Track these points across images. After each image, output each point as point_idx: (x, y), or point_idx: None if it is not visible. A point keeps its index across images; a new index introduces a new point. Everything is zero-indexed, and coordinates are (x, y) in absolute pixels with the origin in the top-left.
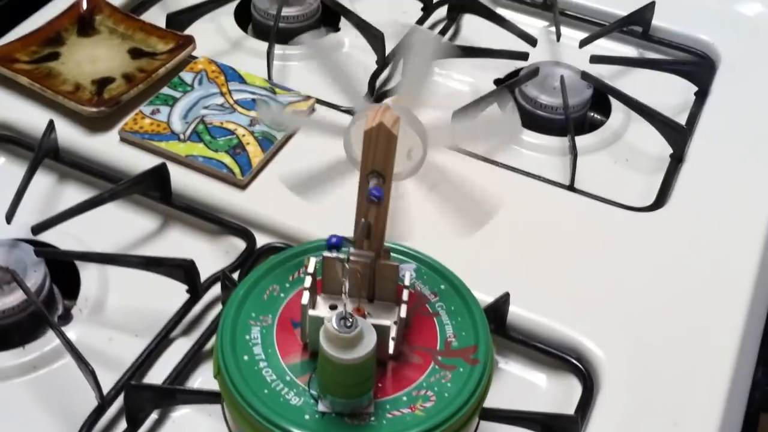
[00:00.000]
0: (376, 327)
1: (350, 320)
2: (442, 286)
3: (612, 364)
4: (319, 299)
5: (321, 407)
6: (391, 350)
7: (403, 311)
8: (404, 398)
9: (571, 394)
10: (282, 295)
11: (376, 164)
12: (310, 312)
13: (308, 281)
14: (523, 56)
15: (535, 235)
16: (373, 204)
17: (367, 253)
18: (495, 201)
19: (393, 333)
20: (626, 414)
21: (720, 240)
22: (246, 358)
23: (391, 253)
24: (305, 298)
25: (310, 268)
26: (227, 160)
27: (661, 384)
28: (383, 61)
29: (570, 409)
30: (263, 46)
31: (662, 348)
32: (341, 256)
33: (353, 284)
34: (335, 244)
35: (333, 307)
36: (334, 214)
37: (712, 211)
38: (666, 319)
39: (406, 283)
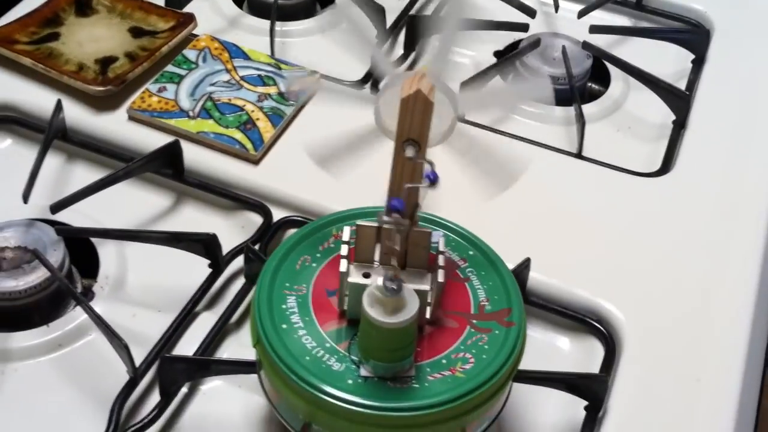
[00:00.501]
0: (416, 292)
1: (395, 284)
2: (471, 252)
3: (632, 325)
4: (352, 268)
5: (363, 372)
6: (428, 315)
7: (441, 276)
8: (444, 361)
9: (594, 355)
10: (314, 264)
11: (412, 132)
12: (350, 279)
13: (344, 249)
14: (524, 27)
15: (548, 203)
16: (429, 187)
17: (401, 220)
18: (523, 161)
19: (429, 298)
20: (649, 373)
21: (727, 200)
22: (284, 326)
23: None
24: (343, 265)
25: (345, 236)
26: (239, 135)
27: (681, 342)
28: (385, 35)
29: (593, 370)
30: (260, 23)
31: (679, 307)
32: (375, 224)
33: (387, 252)
34: (398, 207)
35: (366, 275)
36: (348, 185)
37: (717, 173)
38: (681, 278)
39: (441, 248)
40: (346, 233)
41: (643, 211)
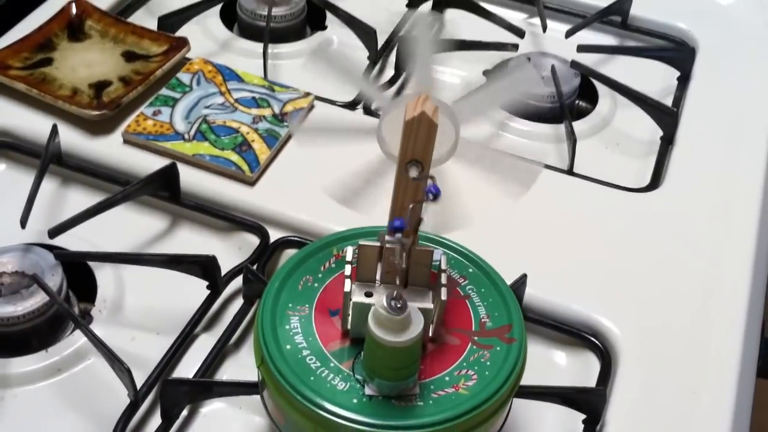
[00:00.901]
0: (420, 311)
1: (400, 302)
2: (470, 270)
3: (627, 339)
4: (354, 287)
5: (368, 391)
6: (430, 333)
7: (444, 294)
8: (447, 378)
9: (590, 369)
10: (316, 285)
11: (416, 153)
12: (355, 299)
13: (348, 269)
14: (513, 47)
15: (541, 219)
16: (430, 201)
17: (403, 239)
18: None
19: (431, 316)
20: (645, 386)
21: (717, 214)
22: (288, 347)
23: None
24: (347, 285)
25: (349, 257)
26: (234, 157)
27: (676, 355)
28: (375, 56)
29: (590, 384)
30: (251, 45)
31: (673, 320)
32: (378, 244)
33: (390, 271)
34: (400, 226)
35: (368, 295)
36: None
37: (706, 187)
38: (674, 292)
39: (443, 267)
40: (350, 253)
41: (634, 226)
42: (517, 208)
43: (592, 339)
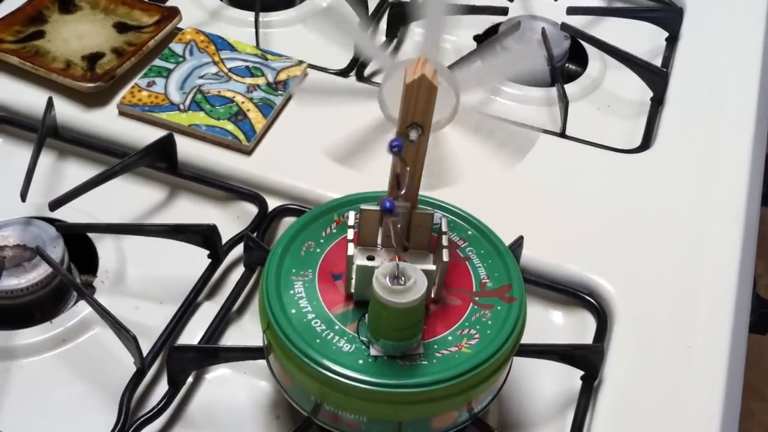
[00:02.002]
0: (423, 272)
1: (402, 279)
2: (470, 232)
3: (622, 297)
4: (357, 251)
5: (373, 351)
6: (432, 294)
7: (445, 255)
8: (450, 338)
9: (587, 327)
10: (318, 250)
11: (416, 116)
12: (357, 262)
13: (351, 233)
14: (503, 11)
15: (535, 182)
16: (395, 155)
17: (403, 203)
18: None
19: (433, 278)
20: (641, 342)
21: (708, 172)
22: (293, 311)
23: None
24: (351, 249)
25: (351, 221)
26: (230, 127)
27: (670, 311)
28: (367, 22)
29: (587, 341)
30: (242, 14)
31: (666, 277)
32: (378, 208)
33: (391, 234)
34: (390, 208)
35: (371, 258)
36: (341, 172)
37: (697, 146)
38: (667, 250)
39: (444, 229)
40: (351, 218)
41: (627, 187)
42: (513, 171)
43: (588, 298)
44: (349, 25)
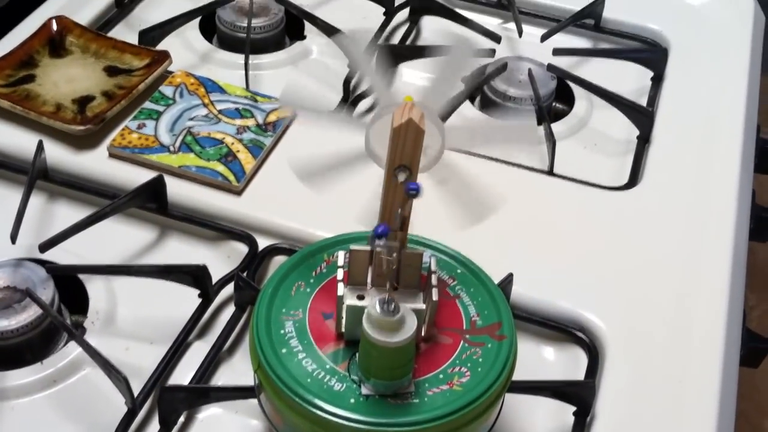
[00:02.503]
0: (413, 311)
1: (392, 305)
2: (459, 271)
3: (613, 332)
4: (347, 291)
5: (364, 390)
6: (422, 333)
7: (435, 294)
8: (441, 376)
9: (578, 363)
10: (308, 290)
11: (404, 158)
12: (348, 302)
13: (340, 273)
14: (490, 53)
15: (525, 220)
16: (411, 197)
17: (393, 243)
18: (498, 197)
19: (423, 316)
20: (633, 377)
21: (695, 208)
22: (284, 350)
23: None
24: (340, 289)
25: (340, 261)
26: (220, 168)
27: (661, 346)
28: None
29: (579, 377)
30: (231, 56)
31: (657, 312)
32: (368, 248)
33: (381, 274)
34: (383, 232)
35: (361, 297)
36: (330, 211)
37: (684, 184)
38: (657, 285)
39: (433, 268)
40: (341, 258)
41: (615, 223)
42: (503, 210)
43: (579, 334)
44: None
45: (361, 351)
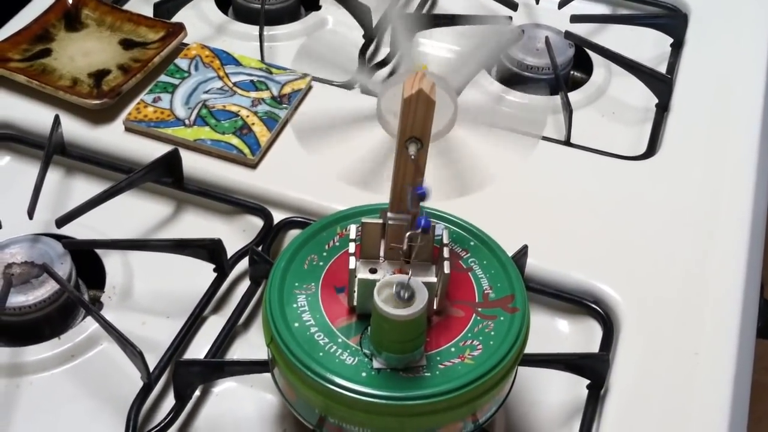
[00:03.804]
0: (424, 285)
1: (408, 291)
2: (472, 243)
3: (628, 304)
4: (359, 264)
5: (376, 364)
6: (434, 306)
7: (446, 267)
8: (452, 349)
9: (593, 336)
10: (321, 263)
11: (415, 130)
12: (360, 275)
13: (352, 247)
14: (507, 20)
15: (541, 191)
16: (420, 201)
17: (405, 216)
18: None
19: (435, 289)
20: (647, 349)
21: (713, 178)
22: (296, 324)
23: None
24: (352, 263)
25: (352, 234)
26: (235, 141)
27: (677, 318)
28: (371, 34)
29: (593, 350)
30: (247, 28)
31: (673, 284)
32: (380, 221)
33: (393, 247)
34: (426, 226)
35: (373, 271)
36: (345, 185)
37: (702, 152)
38: (673, 256)
39: (445, 241)
40: (353, 231)
41: (632, 194)
42: (517, 180)
43: (594, 306)
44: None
45: (372, 324)
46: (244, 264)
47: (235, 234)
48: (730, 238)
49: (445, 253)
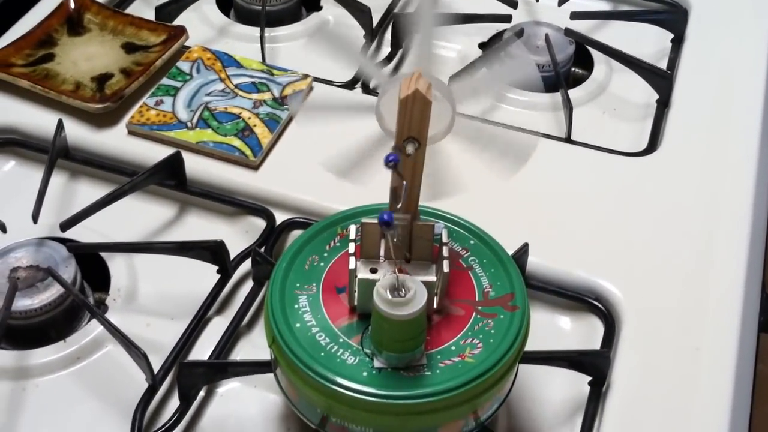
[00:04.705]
0: (424, 283)
1: (402, 290)
2: (472, 242)
3: (629, 301)
4: (359, 264)
5: (377, 363)
6: (434, 305)
7: (446, 266)
8: (453, 348)
9: (594, 333)
10: (322, 264)
11: (412, 130)
12: (360, 275)
13: (352, 247)
14: (507, 18)
15: (541, 188)
16: (392, 169)
17: (403, 215)
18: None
19: (435, 288)
20: (649, 346)
21: (714, 174)
22: (298, 325)
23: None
24: (352, 263)
25: (352, 235)
26: (237, 143)
27: (678, 314)
28: (371, 35)
29: (595, 347)
30: (248, 30)
31: (674, 280)
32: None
33: (392, 247)
34: (388, 221)
35: (373, 271)
36: (348, 185)
37: (703, 149)
38: (674, 253)
39: (444, 240)
40: (353, 231)
41: (633, 190)
42: (517, 178)
43: (595, 303)
44: (349, 46)
45: (372, 324)
46: (247, 265)
47: (238, 235)
48: (732, 233)
49: (445, 252)
